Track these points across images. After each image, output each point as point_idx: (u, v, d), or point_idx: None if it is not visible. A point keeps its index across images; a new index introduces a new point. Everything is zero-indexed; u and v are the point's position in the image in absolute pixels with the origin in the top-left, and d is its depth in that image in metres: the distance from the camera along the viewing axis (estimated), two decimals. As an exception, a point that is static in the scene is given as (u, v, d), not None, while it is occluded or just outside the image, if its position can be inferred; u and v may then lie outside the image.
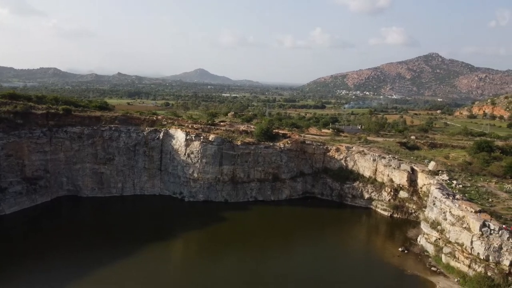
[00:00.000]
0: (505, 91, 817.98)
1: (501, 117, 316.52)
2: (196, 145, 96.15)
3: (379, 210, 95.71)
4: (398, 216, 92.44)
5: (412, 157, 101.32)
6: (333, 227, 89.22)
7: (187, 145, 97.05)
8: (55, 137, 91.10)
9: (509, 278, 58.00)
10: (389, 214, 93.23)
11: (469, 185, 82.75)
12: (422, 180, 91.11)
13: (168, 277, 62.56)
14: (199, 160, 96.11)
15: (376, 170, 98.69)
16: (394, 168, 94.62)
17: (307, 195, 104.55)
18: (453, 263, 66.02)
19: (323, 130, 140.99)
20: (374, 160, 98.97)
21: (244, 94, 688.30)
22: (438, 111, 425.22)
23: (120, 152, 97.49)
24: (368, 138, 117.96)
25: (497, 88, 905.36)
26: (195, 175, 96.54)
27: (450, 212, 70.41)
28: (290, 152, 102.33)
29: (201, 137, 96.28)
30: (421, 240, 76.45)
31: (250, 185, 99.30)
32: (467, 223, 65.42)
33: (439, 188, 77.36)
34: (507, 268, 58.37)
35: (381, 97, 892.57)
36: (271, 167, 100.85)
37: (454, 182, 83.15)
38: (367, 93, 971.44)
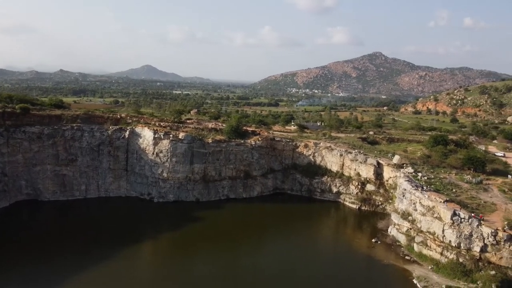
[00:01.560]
0: (443, 88, 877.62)
1: (444, 113, 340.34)
2: (165, 143, 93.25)
3: (347, 203, 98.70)
4: (365, 209, 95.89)
5: (375, 152, 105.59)
6: (305, 222, 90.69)
7: (155, 144, 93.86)
8: (13, 138, 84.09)
9: (480, 263, 62.20)
10: (357, 207, 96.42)
11: (432, 177, 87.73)
12: (388, 173, 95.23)
13: (140, 281, 60.03)
14: (169, 159, 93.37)
15: (343, 164, 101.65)
16: (361, 163, 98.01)
17: (278, 191, 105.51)
18: (425, 251, 69.61)
19: (286, 127, 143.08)
20: (341, 155, 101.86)
21: (196, 91, 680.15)
22: (385, 108, 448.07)
23: (83, 153, 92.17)
24: (331, 134, 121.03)
25: (436, 85, 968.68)
26: (165, 174, 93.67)
27: (420, 202, 74.25)
28: (261, 149, 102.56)
29: (171, 136, 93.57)
30: (392, 231, 79.79)
31: (222, 183, 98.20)
32: (438, 213, 69.31)
33: (408, 181, 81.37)
34: (478, 254, 62.59)
35: (329, 95, 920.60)
36: (243, 164, 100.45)
37: (419, 174, 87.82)
38: (316, 91, 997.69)
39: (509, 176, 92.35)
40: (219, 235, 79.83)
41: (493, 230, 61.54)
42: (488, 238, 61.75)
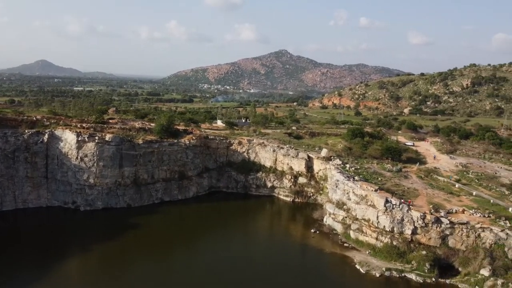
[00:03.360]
0: (343, 83, 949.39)
1: (348, 107, 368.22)
2: (90, 146, 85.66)
3: (281, 196, 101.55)
4: (299, 201, 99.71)
5: (304, 146, 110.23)
6: (242, 218, 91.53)
7: (79, 148, 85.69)
8: None
9: (411, 245, 68.74)
10: (291, 200, 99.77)
11: (358, 167, 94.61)
12: (318, 166, 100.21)
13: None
14: (95, 164, 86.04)
15: (276, 160, 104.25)
16: (293, 157, 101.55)
17: (213, 190, 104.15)
18: (361, 237, 74.73)
19: (213, 125, 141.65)
20: (274, 150, 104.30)
21: (99, 87, 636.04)
22: (295, 103, 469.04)
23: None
24: (261, 130, 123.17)
25: (336, 81, 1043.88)
26: (91, 180, 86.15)
27: (353, 192, 79.53)
28: (195, 148, 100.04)
29: (96, 138, 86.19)
30: (328, 220, 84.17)
31: (155, 186, 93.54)
32: (371, 201, 74.97)
33: (340, 172, 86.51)
34: (409, 237, 69.10)
35: (241, 91, 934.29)
36: (177, 165, 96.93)
37: (347, 165, 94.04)
38: (228, 87, 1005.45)
39: (417, 163, 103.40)
40: (154, 242, 75.40)
41: (421, 214, 68.50)
42: (417, 222, 68.51)
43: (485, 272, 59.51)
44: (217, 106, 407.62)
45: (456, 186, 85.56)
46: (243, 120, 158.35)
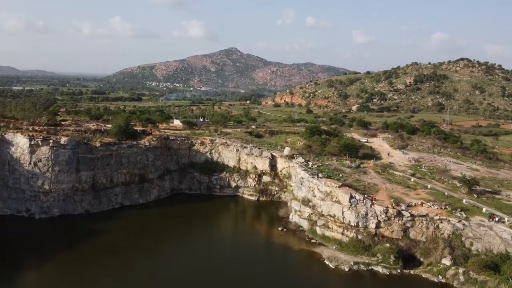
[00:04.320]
0: (292, 82, 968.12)
1: (300, 105, 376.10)
2: (44, 151, 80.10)
3: (246, 196, 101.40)
4: (264, 199, 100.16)
5: (266, 145, 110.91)
6: (207, 220, 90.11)
7: (32, 152, 79.82)
8: None
9: (375, 238, 71.54)
10: (256, 199, 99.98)
11: (320, 164, 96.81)
12: (281, 164, 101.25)
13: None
14: (50, 169, 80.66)
15: (240, 159, 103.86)
16: (257, 156, 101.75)
17: (175, 192, 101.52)
18: (328, 233, 76.58)
19: (171, 124, 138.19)
20: (237, 150, 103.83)
21: (40, 86, 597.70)
22: (248, 102, 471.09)
23: None
24: (222, 130, 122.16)
25: (286, 80, 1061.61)
26: (46, 186, 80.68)
27: (318, 189, 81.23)
28: (155, 150, 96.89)
29: (50, 141, 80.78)
30: (294, 217, 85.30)
31: (114, 190, 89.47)
32: (336, 197, 77.00)
33: (304, 170, 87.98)
34: (374, 230, 71.87)
35: (191, 89, 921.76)
36: (137, 167, 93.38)
37: (310, 163, 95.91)
38: (177, 84, 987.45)
39: (373, 159, 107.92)
40: (115, 249, 71.91)
41: (384, 208, 71.50)
42: (381, 216, 71.43)
43: (446, 261, 63.38)
44: (169, 105, 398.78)
45: (412, 180, 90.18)
46: (201, 119, 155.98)
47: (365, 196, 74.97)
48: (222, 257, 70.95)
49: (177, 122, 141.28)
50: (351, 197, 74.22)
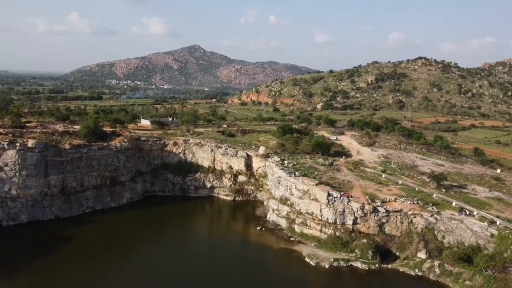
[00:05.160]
0: (257, 80, 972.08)
1: (266, 103, 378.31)
2: (11, 154, 75.60)
3: (222, 196, 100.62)
4: (240, 199, 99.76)
5: (240, 144, 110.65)
6: (182, 222, 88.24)
7: (-5, 156, 75.07)
8: None
9: (353, 234, 73.27)
10: (232, 199, 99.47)
11: (295, 163, 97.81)
12: (257, 163, 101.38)
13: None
14: (17, 173, 76.30)
15: (214, 159, 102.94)
16: (232, 156, 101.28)
17: (148, 194, 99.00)
18: (306, 230, 77.50)
19: (139, 124, 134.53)
20: (211, 150, 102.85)
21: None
22: (214, 100, 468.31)
23: None
24: (195, 130, 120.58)
25: (250, 78, 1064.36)
26: (13, 192, 76.23)
27: (295, 187, 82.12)
28: (127, 151, 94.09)
29: (17, 144, 76.34)
30: (272, 216, 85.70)
31: (85, 194, 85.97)
32: (314, 195, 78.14)
33: (281, 169, 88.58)
34: (351, 227, 73.58)
35: (153, 87, 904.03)
36: (108, 170, 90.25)
37: (286, 162, 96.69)
38: (138, 82, 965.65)
39: (343, 157, 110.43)
40: (87, 255, 68.71)
41: (360, 205, 73.38)
42: (357, 212, 73.24)
43: (422, 255, 65.99)
44: (131, 103, 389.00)
45: (383, 176, 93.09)
46: (170, 119, 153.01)
47: (342, 193, 76.60)
48: (200, 258, 69.71)
49: (145, 122, 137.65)
50: (329, 194, 75.57)
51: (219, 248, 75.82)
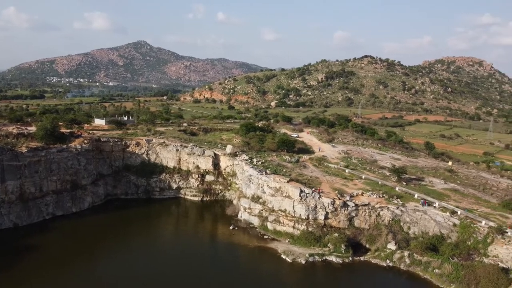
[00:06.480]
0: (207, 77, 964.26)
1: (221, 101, 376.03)
2: (-41, 160, 68.96)
3: (189, 197, 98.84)
4: (208, 199, 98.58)
5: (205, 143, 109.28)
6: (148, 225, 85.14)
7: None
8: None
9: (324, 229, 75.28)
10: (199, 199, 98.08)
11: (264, 160, 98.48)
12: (224, 162, 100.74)
13: None
14: (-33, 180, 69.82)
15: (180, 159, 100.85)
16: (199, 155, 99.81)
17: (110, 198, 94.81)
18: (279, 227, 78.46)
19: (93, 124, 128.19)
20: (177, 150, 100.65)
21: None
22: (165, 97, 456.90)
23: None
24: (156, 129, 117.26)
25: (200, 75, 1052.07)
26: (-36, 201, 69.70)
27: (267, 185, 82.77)
28: (87, 153, 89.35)
29: (-33, 149, 69.84)
30: (243, 215, 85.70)
31: (45, 200, 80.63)
32: (286, 192, 79.26)
33: (252, 167, 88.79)
34: (323, 222, 75.52)
35: (97, 84, 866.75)
36: (68, 173, 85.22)
37: (254, 160, 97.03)
38: (82, 80, 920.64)
39: (307, 153, 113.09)
40: (48, 264, 64.98)
41: (331, 200, 75.58)
42: (328, 207, 75.35)
43: (391, 246, 69.39)
44: (77, 102, 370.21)
45: (347, 171, 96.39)
46: (125, 118, 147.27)
47: (313, 189, 78.41)
48: (169, 263, 67.52)
49: (99, 122, 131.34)
50: (301, 191, 77.00)
51: (189, 250, 74.37)
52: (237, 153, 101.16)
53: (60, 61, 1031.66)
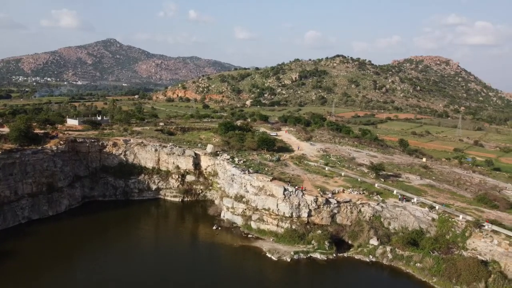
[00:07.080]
0: (179, 75, 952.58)
1: (195, 100, 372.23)
2: None
3: (169, 198, 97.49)
4: (188, 199, 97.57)
5: (185, 143, 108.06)
6: (129, 226, 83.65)
7: None
8: None
9: (308, 226, 76.13)
10: (180, 200, 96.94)
11: (245, 160, 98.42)
12: (205, 162, 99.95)
13: None
14: None
15: (159, 159, 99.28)
16: (179, 155, 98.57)
17: (87, 200, 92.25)
18: (263, 226, 78.75)
19: (66, 125, 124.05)
20: (156, 150, 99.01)
21: None
22: (136, 96, 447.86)
23: None
24: (133, 129, 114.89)
25: (172, 73, 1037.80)
26: None
27: (250, 184, 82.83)
28: (64, 155, 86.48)
29: None
30: (226, 215, 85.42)
31: (20, 204, 77.54)
32: (270, 191, 79.61)
33: (235, 166, 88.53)
34: (306, 219, 76.35)
35: (65, 83, 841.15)
36: (44, 175, 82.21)
37: (236, 159, 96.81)
38: (49, 79, 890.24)
39: (286, 152, 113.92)
40: (24, 271, 62.71)
41: (314, 197, 76.51)
42: (311, 205, 76.27)
43: (373, 241, 71.01)
44: (46, 102, 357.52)
45: (326, 169, 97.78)
46: (99, 118, 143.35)
47: (296, 187, 79.13)
48: (151, 265, 66.36)
49: (72, 122, 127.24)
50: (285, 189, 77.56)
51: (172, 251, 73.46)
52: (218, 152, 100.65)
53: (26, 60, 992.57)
